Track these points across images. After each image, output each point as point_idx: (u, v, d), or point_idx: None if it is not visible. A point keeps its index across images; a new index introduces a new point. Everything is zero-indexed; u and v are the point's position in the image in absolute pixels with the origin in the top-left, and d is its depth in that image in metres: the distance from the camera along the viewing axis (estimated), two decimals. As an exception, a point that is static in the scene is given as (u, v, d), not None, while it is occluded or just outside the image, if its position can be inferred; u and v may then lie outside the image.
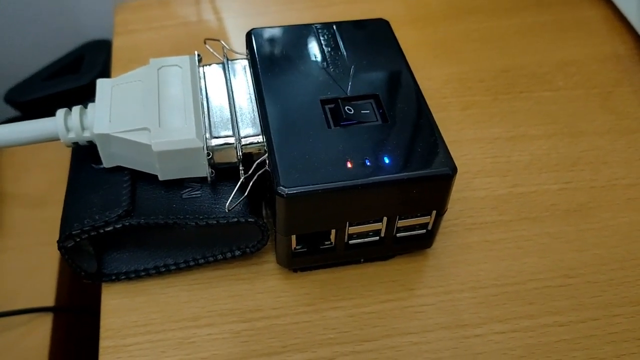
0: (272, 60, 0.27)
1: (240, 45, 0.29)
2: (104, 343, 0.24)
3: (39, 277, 0.39)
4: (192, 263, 0.25)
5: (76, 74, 0.53)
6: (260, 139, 0.24)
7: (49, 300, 0.38)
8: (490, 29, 0.39)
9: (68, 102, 0.54)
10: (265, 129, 0.24)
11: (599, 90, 0.35)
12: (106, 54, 0.55)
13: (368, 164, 0.22)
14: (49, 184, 0.45)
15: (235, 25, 0.39)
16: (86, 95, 0.55)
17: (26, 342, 0.36)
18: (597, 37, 0.38)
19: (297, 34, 0.28)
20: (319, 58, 0.27)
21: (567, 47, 0.38)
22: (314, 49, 0.27)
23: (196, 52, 0.27)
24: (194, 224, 0.23)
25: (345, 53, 0.27)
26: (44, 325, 0.36)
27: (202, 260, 0.25)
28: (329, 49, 0.27)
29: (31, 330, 0.36)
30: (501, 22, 0.39)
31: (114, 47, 0.37)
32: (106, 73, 0.53)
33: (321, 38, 0.28)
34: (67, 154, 0.43)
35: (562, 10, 0.40)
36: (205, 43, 0.29)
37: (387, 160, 0.23)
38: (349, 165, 0.22)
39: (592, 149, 0.32)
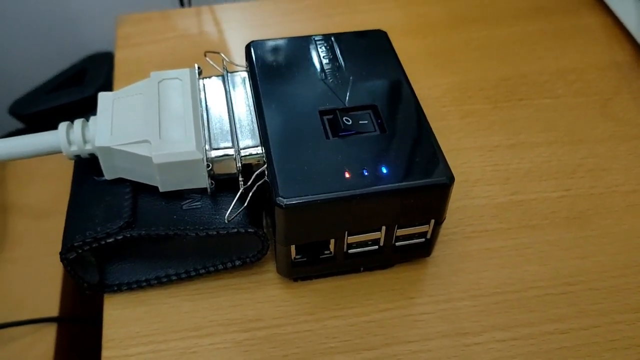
0: (271, 72, 0.27)
1: (240, 57, 0.30)
2: (106, 353, 0.24)
3: (42, 287, 0.40)
4: (193, 273, 0.25)
5: (79, 86, 0.53)
6: (259, 150, 0.24)
7: (53, 311, 0.38)
8: (490, 38, 0.39)
9: (72, 114, 0.54)
10: (264, 140, 0.24)
11: (599, 98, 0.35)
12: (109, 66, 0.56)
13: (366, 174, 0.23)
14: (52, 195, 0.46)
15: (236, 36, 0.39)
16: (89, 107, 0.56)
17: (31, 353, 0.36)
18: (596, 45, 0.38)
19: (296, 45, 0.29)
20: (317, 69, 0.27)
21: (567, 55, 0.38)
22: (312, 61, 0.28)
23: (196, 65, 0.28)
24: (194, 234, 0.24)
25: (343, 64, 0.27)
26: (48, 336, 0.37)
27: (203, 270, 0.26)
28: (328, 61, 0.28)
29: (36, 340, 0.37)
30: (501, 30, 0.40)
31: (116, 60, 0.37)
32: (109, 85, 0.54)
33: (320, 49, 0.28)
34: (69, 165, 0.44)
35: (561, 18, 0.40)
36: (205, 55, 0.29)
37: (385, 170, 0.23)
38: (347, 175, 0.23)
39: (592, 156, 0.32)
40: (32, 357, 0.36)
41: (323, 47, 0.29)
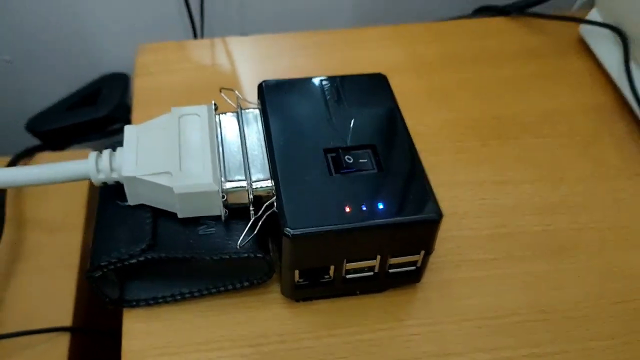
0: (280, 111, 0.30)
1: (252, 89, 0.32)
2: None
3: (56, 298, 0.42)
4: (205, 292, 0.28)
5: (93, 105, 0.56)
6: (269, 183, 0.27)
7: (67, 321, 0.40)
8: (483, 79, 0.42)
9: (85, 133, 0.57)
10: (273, 174, 0.27)
11: (581, 139, 0.38)
12: (122, 87, 0.58)
13: (364, 209, 0.25)
14: (65, 211, 0.48)
15: (248, 69, 0.42)
16: (102, 127, 0.58)
17: (45, 360, 0.39)
18: (581, 89, 0.41)
19: (304, 86, 0.31)
20: (323, 109, 0.30)
21: (554, 97, 0.41)
22: (318, 101, 0.30)
23: (213, 102, 0.30)
24: (209, 258, 0.26)
25: (346, 105, 0.30)
26: (61, 345, 0.39)
27: (214, 290, 0.28)
28: (333, 101, 0.30)
29: (50, 349, 0.39)
30: (494, 72, 0.42)
31: (135, 88, 0.40)
32: (122, 106, 0.57)
33: (325, 90, 0.31)
34: (81, 184, 0.46)
35: (551, 63, 0.43)
36: (220, 92, 0.32)
37: (381, 206, 0.25)
38: (348, 209, 0.25)
39: (573, 194, 0.35)
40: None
41: (329, 88, 0.31)
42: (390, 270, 0.28)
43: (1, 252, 0.42)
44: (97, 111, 0.55)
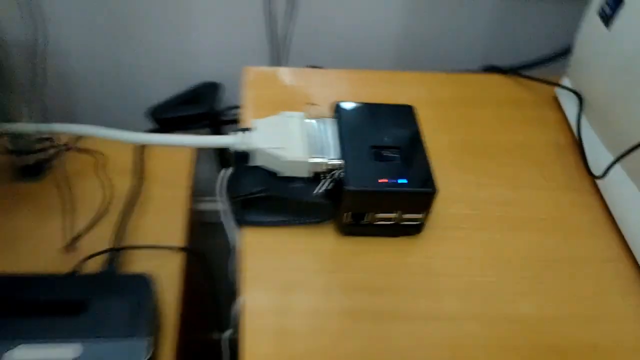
0: (347, 121, 0.49)
1: (326, 104, 0.51)
2: (245, 254, 0.45)
3: (173, 230, 0.61)
4: (290, 222, 0.47)
5: (196, 104, 0.75)
6: (338, 162, 0.46)
7: (180, 243, 0.59)
8: (481, 116, 0.60)
9: (186, 123, 0.76)
10: (342, 157, 0.46)
11: (540, 163, 0.56)
12: (216, 92, 0.78)
13: (391, 181, 0.44)
14: (176, 172, 0.67)
15: (319, 91, 0.61)
16: (198, 120, 0.77)
17: (166, 269, 0.57)
18: (548, 131, 0.59)
19: (364, 107, 0.50)
20: (373, 122, 0.49)
21: (527, 134, 0.59)
22: (370, 117, 0.49)
23: (305, 112, 0.49)
24: (297, 199, 0.45)
25: (387, 121, 0.49)
26: (176, 258, 0.58)
27: (296, 222, 0.47)
28: (379, 118, 0.49)
29: (169, 261, 0.58)
30: (489, 112, 0.61)
31: (246, 97, 0.59)
32: (214, 107, 0.76)
33: (375, 111, 0.50)
34: (187, 153, 0.65)
35: (531, 111, 0.61)
36: (307, 104, 0.51)
37: (401, 181, 0.44)
38: (381, 181, 0.44)
39: (525, 195, 0.53)
40: (165, 275, 0.57)
41: (377, 110, 0.50)
42: (402, 223, 0.47)
43: (133, 195, 0.61)
44: (200, 108, 0.74)
